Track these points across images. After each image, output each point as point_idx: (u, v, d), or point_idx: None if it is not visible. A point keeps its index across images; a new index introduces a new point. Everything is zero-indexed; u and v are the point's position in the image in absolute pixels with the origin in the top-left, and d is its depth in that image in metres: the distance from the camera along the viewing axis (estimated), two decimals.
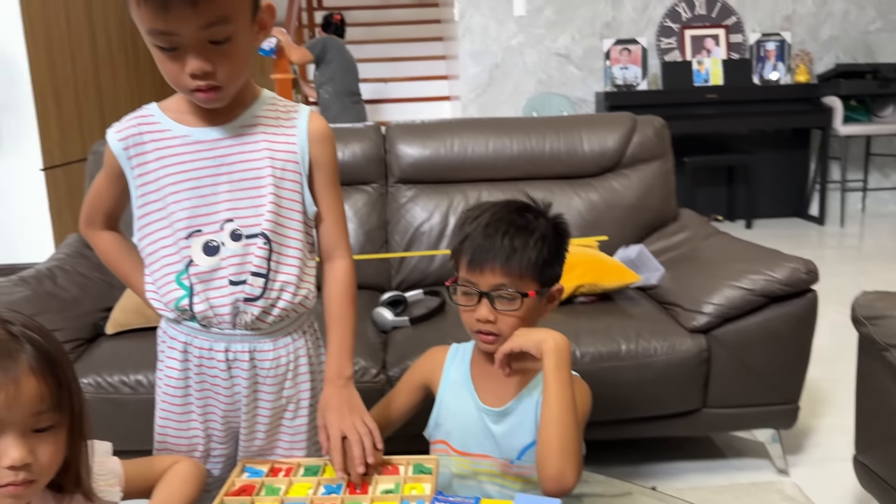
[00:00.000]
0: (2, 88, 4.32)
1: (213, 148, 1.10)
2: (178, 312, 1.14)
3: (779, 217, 5.36)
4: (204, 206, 1.10)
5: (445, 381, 1.34)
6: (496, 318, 1.20)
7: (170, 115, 1.13)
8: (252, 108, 1.13)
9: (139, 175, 1.12)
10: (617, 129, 2.48)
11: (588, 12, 5.17)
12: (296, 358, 1.19)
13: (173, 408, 1.20)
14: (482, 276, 1.20)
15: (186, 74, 1.01)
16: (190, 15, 0.95)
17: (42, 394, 0.85)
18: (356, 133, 2.46)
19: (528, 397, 1.26)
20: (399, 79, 6.08)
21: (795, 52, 5.20)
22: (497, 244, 1.19)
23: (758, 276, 1.87)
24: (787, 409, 1.96)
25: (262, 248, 1.11)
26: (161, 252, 1.13)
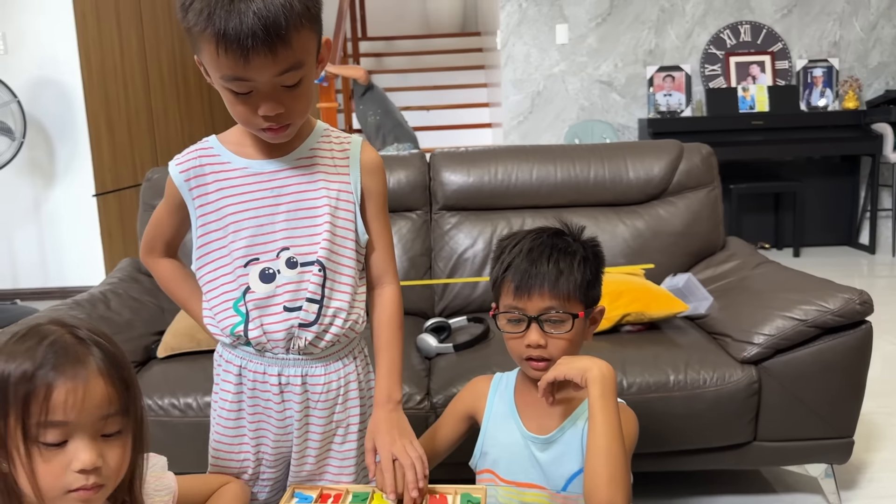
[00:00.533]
0: (58, 118, 4.48)
1: (271, 179, 1.14)
2: (233, 338, 1.16)
3: (827, 245, 5.25)
4: (262, 234, 1.14)
5: (490, 410, 1.34)
6: (546, 343, 1.21)
7: (229, 147, 1.16)
8: (308, 140, 1.17)
9: (200, 206, 1.16)
10: (663, 156, 2.47)
11: (631, 40, 5.17)
12: (346, 383, 1.21)
13: (226, 430, 1.22)
14: (530, 301, 1.21)
15: (258, 116, 1.04)
16: (269, 64, 0.99)
17: (110, 397, 0.86)
18: (401, 161, 2.49)
19: (573, 425, 1.25)
20: (441, 106, 6.14)
21: (844, 78, 5.13)
22: (543, 268, 1.21)
23: (810, 307, 1.83)
24: (841, 444, 1.91)
25: (317, 275, 1.14)
26: (220, 280, 1.16)
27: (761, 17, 5.14)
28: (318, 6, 1.03)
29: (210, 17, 0.96)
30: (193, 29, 0.99)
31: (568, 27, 5.17)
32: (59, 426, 0.83)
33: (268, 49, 0.97)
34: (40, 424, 0.82)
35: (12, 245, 4.58)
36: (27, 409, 0.82)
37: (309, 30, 1.01)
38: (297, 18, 0.98)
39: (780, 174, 5.15)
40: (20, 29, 4.36)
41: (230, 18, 0.95)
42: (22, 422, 0.82)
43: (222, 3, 0.96)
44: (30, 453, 0.83)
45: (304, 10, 0.99)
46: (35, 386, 0.82)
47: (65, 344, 0.85)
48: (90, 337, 0.87)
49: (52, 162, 4.52)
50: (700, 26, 5.16)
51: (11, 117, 4.09)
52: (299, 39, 1.00)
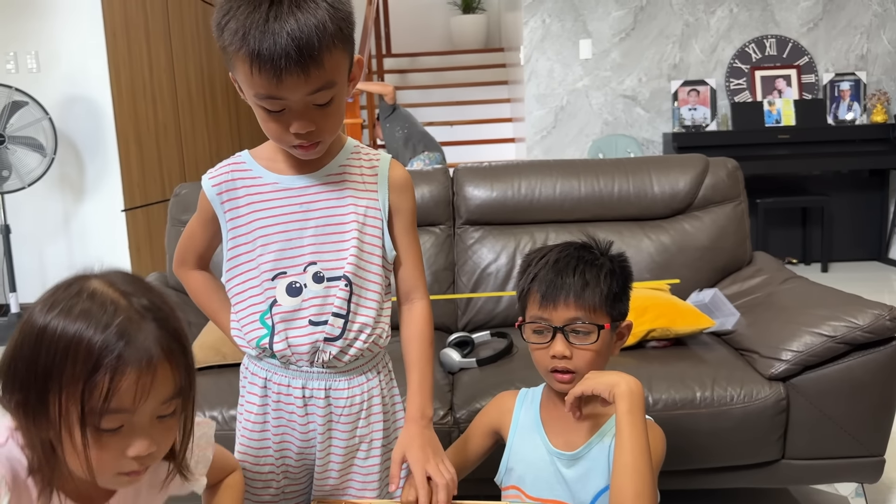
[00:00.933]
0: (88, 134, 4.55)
1: (301, 195, 1.16)
2: (258, 350, 1.17)
3: (856, 260, 5.17)
4: (290, 249, 1.15)
5: (515, 426, 1.34)
6: (572, 354, 1.21)
7: (261, 162, 1.18)
8: (338, 157, 1.18)
9: (231, 219, 1.18)
10: (688, 170, 2.45)
11: (655, 54, 5.16)
12: (370, 397, 1.21)
13: (251, 442, 1.22)
14: (556, 312, 1.21)
15: (289, 133, 1.06)
16: (301, 83, 1.00)
17: (173, 382, 0.84)
18: (424, 175, 2.50)
19: (600, 441, 1.24)
20: (464, 122, 6.17)
21: (872, 91, 5.07)
22: (569, 278, 1.21)
23: (839, 323, 1.80)
24: (872, 462, 1.87)
25: (343, 290, 1.15)
26: (248, 293, 1.18)
27: (787, 30, 5.11)
28: (351, 26, 1.05)
29: (245, 38, 0.98)
30: (228, 48, 1.01)
31: (591, 42, 5.17)
32: (120, 413, 0.81)
33: (300, 69, 0.98)
34: (100, 411, 0.80)
35: (43, 259, 4.65)
36: (88, 393, 0.79)
37: (341, 50, 1.03)
38: (329, 39, 0.99)
39: (807, 188, 5.09)
40: (52, 48, 4.46)
41: (264, 39, 0.97)
42: (80, 404, 0.79)
43: (257, 23, 0.97)
44: (84, 435, 0.80)
45: (337, 31, 1.01)
46: (100, 371, 0.78)
47: (131, 323, 0.81)
48: (154, 310, 0.84)
49: (82, 177, 4.60)
50: (725, 40, 5.14)
51: (43, 134, 4.17)
52: (331, 59, 1.01)
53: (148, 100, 4.79)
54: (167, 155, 5.00)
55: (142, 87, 4.74)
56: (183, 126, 5.20)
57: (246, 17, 0.98)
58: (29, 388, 0.81)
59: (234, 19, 0.99)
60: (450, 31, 7.79)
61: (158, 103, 4.90)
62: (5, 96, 4.07)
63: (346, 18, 1.03)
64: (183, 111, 5.21)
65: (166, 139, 4.98)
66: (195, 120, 5.38)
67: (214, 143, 5.64)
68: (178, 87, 5.15)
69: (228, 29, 1.00)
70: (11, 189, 4.17)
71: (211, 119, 5.63)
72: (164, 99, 4.97)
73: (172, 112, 5.07)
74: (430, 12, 7.89)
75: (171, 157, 5.06)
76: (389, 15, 7.42)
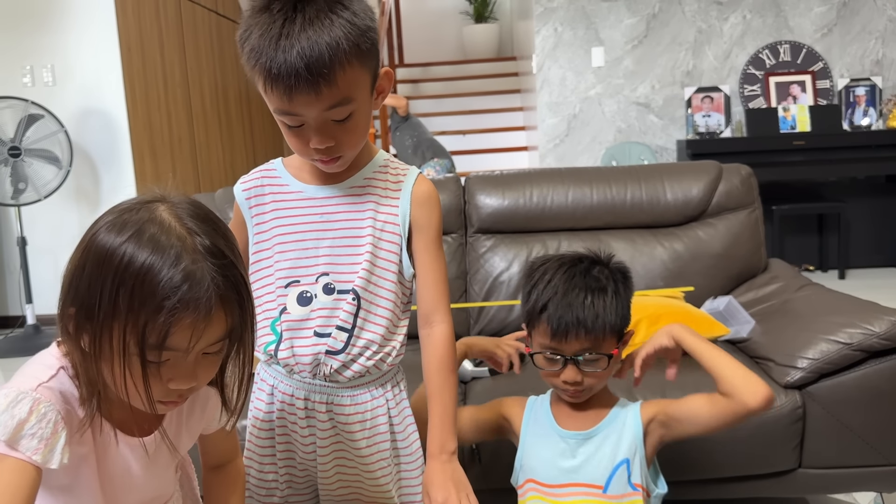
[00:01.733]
0: (104, 147, 4.60)
1: (322, 205, 1.15)
2: (267, 355, 1.18)
3: (874, 267, 5.12)
4: (305, 258, 1.15)
5: (525, 431, 1.37)
6: (582, 379, 1.26)
7: (291, 171, 1.19)
8: (364, 170, 1.17)
9: (256, 224, 1.19)
10: (701, 177, 2.44)
11: (668, 61, 5.15)
12: (374, 416, 1.19)
13: (257, 448, 1.23)
14: (567, 344, 1.24)
15: (310, 147, 1.06)
16: (313, 100, 1.00)
17: (224, 326, 0.84)
18: (436, 184, 2.49)
19: (613, 421, 1.31)
20: (477, 130, 6.17)
21: (888, 97, 5.03)
22: (580, 312, 1.23)
23: (855, 330, 1.78)
24: (891, 471, 1.84)
25: (350, 303, 1.14)
26: (263, 298, 1.18)
27: (801, 36, 5.08)
28: (370, 41, 1.03)
29: (259, 55, 0.99)
30: (247, 64, 1.02)
31: (604, 50, 5.17)
32: (170, 351, 0.82)
33: (310, 87, 0.98)
34: (151, 346, 0.80)
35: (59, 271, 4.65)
36: (149, 329, 0.79)
37: (358, 66, 1.02)
38: (342, 56, 0.98)
39: (823, 195, 5.05)
40: (67, 61, 4.51)
41: (276, 57, 0.97)
42: (139, 337, 0.79)
43: (270, 40, 0.98)
44: (143, 366, 0.81)
45: (353, 48, 0.99)
46: (162, 312, 0.79)
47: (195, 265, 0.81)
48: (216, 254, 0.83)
49: (98, 190, 4.64)
50: (738, 46, 5.11)
51: (59, 147, 4.21)
52: (345, 77, 1.00)
53: (163, 112, 4.83)
54: (182, 167, 5.03)
55: (156, 100, 4.78)
56: (197, 138, 5.23)
57: (261, 34, 0.98)
58: (92, 312, 0.81)
59: (251, 36, 1.00)
60: (462, 40, 7.81)
61: (173, 116, 4.94)
62: (21, 109, 4.12)
63: (365, 33, 1.01)
64: (197, 123, 5.25)
65: (181, 151, 5.02)
66: (209, 132, 5.42)
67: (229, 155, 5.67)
68: (192, 100, 5.19)
69: (248, 45, 1.01)
70: (28, 201, 4.21)
71: (225, 131, 5.66)
72: (178, 111, 5.00)
73: (187, 124, 5.11)
74: (442, 22, 7.92)
75: (186, 170, 5.09)
76: (402, 25, 7.45)
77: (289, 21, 0.97)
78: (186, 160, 5.09)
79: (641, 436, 1.31)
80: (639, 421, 1.32)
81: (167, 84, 4.89)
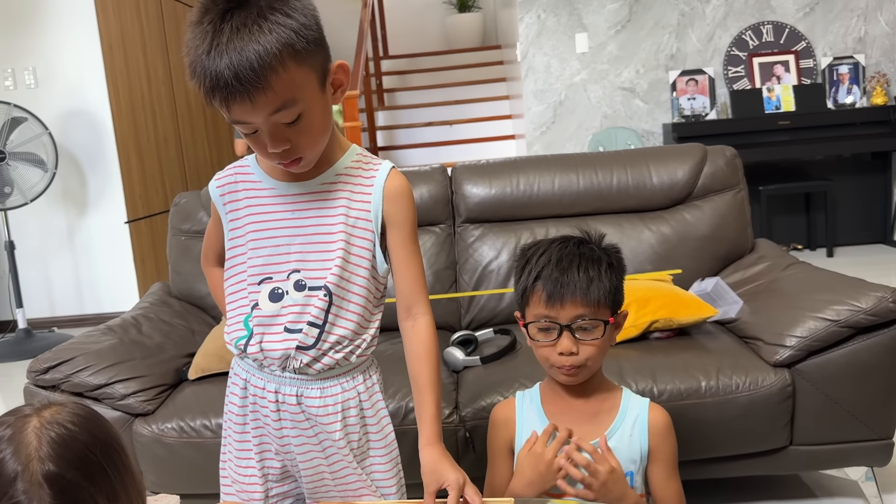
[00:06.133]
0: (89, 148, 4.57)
1: (293, 202, 1.16)
2: (238, 350, 1.20)
3: (862, 244, 5.15)
4: (277, 255, 1.16)
5: (521, 430, 1.34)
6: (578, 350, 1.24)
7: (264, 167, 1.19)
8: (336, 165, 1.17)
9: (230, 220, 1.20)
10: (687, 160, 2.45)
11: (652, 45, 5.15)
12: (345, 409, 1.19)
13: (234, 443, 1.24)
14: (563, 310, 1.24)
15: (269, 151, 1.05)
16: (251, 109, 0.99)
17: None
18: (423, 175, 2.50)
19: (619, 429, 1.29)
20: (464, 120, 6.16)
21: (871, 74, 5.05)
22: (574, 276, 1.24)
23: (842, 307, 1.80)
24: (881, 445, 1.86)
25: (322, 300, 1.14)
26: (237, 294, 1.20)
27: (783, 16, 5.09)
28: (307, 38, 1.00)
29: (194, 69, 1.00)
30: (188, 78, 1.03)
31: (587, 36, 5.17)
32: None
33: (243, 97, 0.97)
34: None
35: (48, 274, 4.67)
36: None
37: (295, 67, 0.99)
38: (273, 61, 0.96)
39: (809, 174, 5.07)
40: (49, 63, 4.47)
41: (207, 68, 0.97)
42: None
43: (201, 53, 0.98)
44: None
45: (285, 49, 0.97)
46: None
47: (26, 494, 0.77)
48: (58, 480, 0.78)
49: (85, 191, 4.61)
50: (721, 28, 5.12)
51: (43, 149, 4.19)
52: (280, 80, 0.98)
53: (147, 111, 4.81)
54: (168, 166, 5.01)
55: (140, 99, 4.75)
56: (183, 136, 5.21)
57: (195, 47, 0.99)
58: None
59: (189, 50, 1.01)
60: (446, 30, 7.79)
61: (158, 114, 4.91)
62: (4, 113, 4.09)
63: (299, 32, 0.99)
64: (183, 121, 5.22)
65: (167, 150, 5.00)
66: (195, 130, 5.40)
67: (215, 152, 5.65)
68: (176, 98, 5.16)
69: (187, 59, 1.02)
70: (14, 205, 4.19)
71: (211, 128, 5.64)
72: (163, 110, 4.98)
73: (172, 122, 5.08)
74: (425, 13, 7.89)
75: (173, 168, 5.07)
76: (385, 17, 7.42)
77: (217, 32, 0.97)
78: (173, 158, 5.07)
79: (647, 452, 1.30)
80: (645, 438, 1.30)
81: (151, 82, 4.86)
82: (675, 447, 1.32)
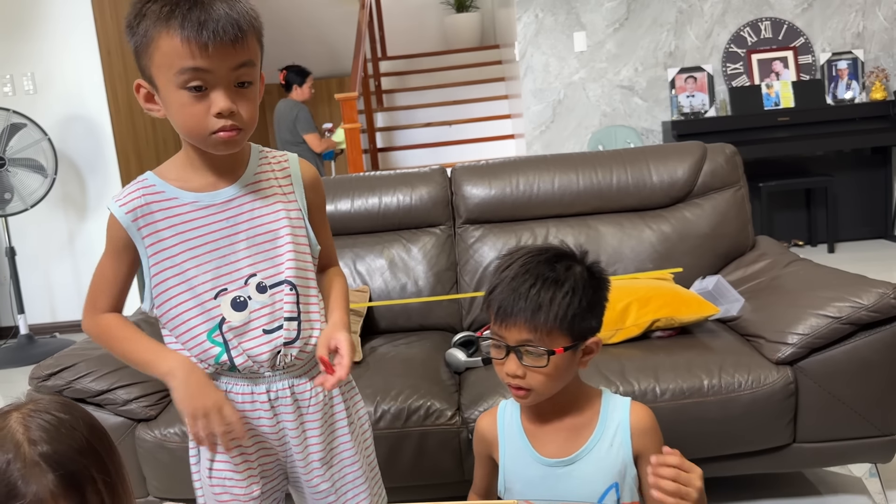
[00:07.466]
0: (88, 152, 4.57)
1: (224, 210, 1.16)
2: (217, 366, 1.18)
3: (863, 240, 5.14)
4: (226, 265, 1.16)
5: (503, 445, 1.30)
6: (524, 374, 1.17)
7: (173, 182, 1.17)
8: (250, 165, 1.20)
9: (151, 244, 1.15)
10: (686, 158, 2.45)
11: (650, 43, 5.15)
12: (329, 396, 1.24)
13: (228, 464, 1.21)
14: (507, 331, 1.17)
15: (211, 115, 1.07)
16: (229, 52, 1.05)
17: None
18: (422, 176, 2.50)
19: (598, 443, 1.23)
20: (463, 120, 6.16)
21: (870, 69, 5.04)
22: (522, 299, 1.15)
23: (844, 304, 1.79)
24: (884, 442, 1.86)
25: (289, 294, 1.17)
26: (184, 315, 1.16)
27: (781, 12, 5.08)
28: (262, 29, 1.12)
29: (173, 11, 1.03)
30: (150, 31, 1.05)
31: (585, 34, 5.16)
32: None
33: (229, 39, 1.04)
34: None
35: (49, 279, 4.67)
36: None
37: (255, 42, 1.10)
38: (251, 23, 1.07)
39: (809, 170, 5.07)
40: (47, 68, 4.48)
41: (193, 10, 1.03)
42: None
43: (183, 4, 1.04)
44: None
45: (258, 25, 1.10)
46: None
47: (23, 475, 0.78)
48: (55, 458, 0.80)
49: (84, 196, 4.61)
50: (719, 25, 5.11)
51: (43, 155, 4.19)
52: (249, 43, 1.08)
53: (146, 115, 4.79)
54: None
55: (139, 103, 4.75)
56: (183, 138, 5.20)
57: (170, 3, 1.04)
58: None
59: (152, 8, 1.05)
60: (444, 30, 7.78)
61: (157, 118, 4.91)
62: (3, 119, 4.09)
63: (259, 19, 1.10)
64: None
65: (166, 153, 4.99)
66: None
67: None
68: None
69: (150, 14, 1.04)
70: (14, 211, 4.19)
71: None
72: None
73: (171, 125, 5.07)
74: (423, 13, 7.88)
75: None
76: (383, 18, 7.42)
77: None
78: None
79: (632, 458, 1.23)
80: (628, 443, 1.23)
81: None
82: (662, 443, 1.25)
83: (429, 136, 6.12)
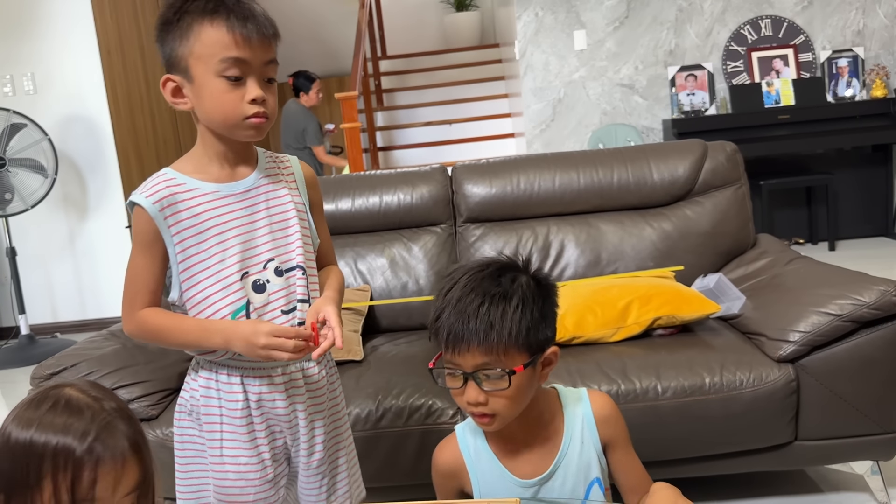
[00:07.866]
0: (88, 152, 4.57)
1: (243, 199, 1.24)
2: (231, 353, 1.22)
3: (863, 237, 5.14)
4: (249, 249, 1.23)
5: (474, 472, 1.23)
6: (486, 400, 1.11)
7: (192, 175, 1.24)
8: (259, 163, 1.29)
9: (177, 233, 1.20)
10: (687, 156, 2.44)
11: (650, 41, 5.14)
12: (329, 374, 1.33)
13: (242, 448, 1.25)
14: (461, 358, 1.10)
15: (245, 102, 1.17)
16: (266, 47, 1.17)
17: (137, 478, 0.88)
18: (423, 176, 2.50)
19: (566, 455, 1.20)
20: (463, 119, 6.16)
21: (870, 67, 5.04)
22: (472, 322, 1.08)
23: (845, 301, 1.79)
24: (886, 439, 1.86)
25: (301, 277, 1.26)
26: (210, 298, 1.22)
27: (781, 10, 5.08)
28: None
29: (217, 8, 1.14)
30: (194, 24, 1.14)
31: (585, 33, 5.16)
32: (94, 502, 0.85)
33: (267, 33, 1.17)
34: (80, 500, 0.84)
35: (50, 279, 4.67)
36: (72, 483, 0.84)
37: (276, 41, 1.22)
38: (276, 28, 1.20)
39: (810, 167, 5.06)
40: (47, 69, 4.48)
41: (237, 7, 1.15)
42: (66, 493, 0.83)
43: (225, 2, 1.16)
44: None
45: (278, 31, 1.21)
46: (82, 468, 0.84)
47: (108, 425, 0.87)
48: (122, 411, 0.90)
49: (85, 196, 4.61)
50: (720, 23, 5.11)
51: (43, 155, 4.19)
52: (276, 44, 1.20)
53: (146, 114, 4.80)
54: None
55: (139, 102, 4.75)
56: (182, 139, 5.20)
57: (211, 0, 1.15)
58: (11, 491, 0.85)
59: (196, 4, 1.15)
60: (444, 29, 7.78)
61: (157, 117, 4.91)
62: (4, 119, 4.09)
63: None
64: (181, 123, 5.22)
65: (166, 153, 4.99)
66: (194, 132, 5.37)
67: None
68: None
69: (191, 11, 1.15)
70: (15, 211, 4.19)
71: None
72: (161, 112, 4.97)
73: (171, 124, 5.07)
74: (423, 12, 7.88)
75: None
76: (383, 17, 7.41)
77: None
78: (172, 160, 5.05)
79: (602, 450, 1.21)
80: (596, 434, 1.20)
81: (150, 85, 4.86)
82: (626, 426, 1.22)
83: (429, 135, 6.12)
